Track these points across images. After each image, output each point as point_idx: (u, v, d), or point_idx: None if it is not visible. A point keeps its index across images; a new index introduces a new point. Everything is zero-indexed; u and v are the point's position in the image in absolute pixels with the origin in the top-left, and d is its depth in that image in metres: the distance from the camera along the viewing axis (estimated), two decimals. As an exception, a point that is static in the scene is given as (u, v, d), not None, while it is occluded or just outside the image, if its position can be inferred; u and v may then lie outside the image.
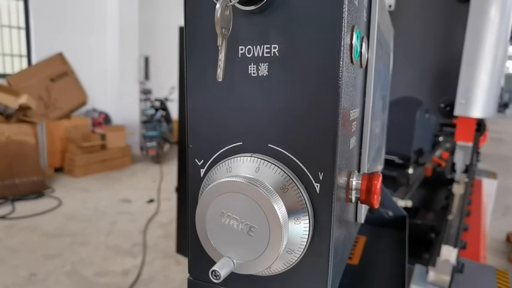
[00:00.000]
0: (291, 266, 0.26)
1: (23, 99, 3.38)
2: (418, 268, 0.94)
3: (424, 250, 1.12)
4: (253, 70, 0.25)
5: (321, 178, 0.25)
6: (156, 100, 5.05)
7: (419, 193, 1.44)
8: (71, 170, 4.00)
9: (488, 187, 1.98)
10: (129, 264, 2.28)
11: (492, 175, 2.09)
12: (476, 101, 0.94)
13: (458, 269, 0.90)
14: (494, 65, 0.95)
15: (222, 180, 0.24)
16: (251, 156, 0.26)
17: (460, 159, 1.04)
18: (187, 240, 0.29)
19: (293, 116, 0.25)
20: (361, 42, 0.30)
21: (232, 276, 0.27)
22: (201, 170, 0.28)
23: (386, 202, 0.65)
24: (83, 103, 4.51)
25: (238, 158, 0.26)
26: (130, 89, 4.91)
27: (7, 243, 2.50)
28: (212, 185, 0.25)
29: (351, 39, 0.25)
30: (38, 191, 3.42)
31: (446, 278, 0.86)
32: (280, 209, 0.23)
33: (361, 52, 0.30)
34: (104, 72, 4.76)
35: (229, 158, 0.27)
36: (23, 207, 3.12)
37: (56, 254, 2.38)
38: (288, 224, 0.24)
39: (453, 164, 1.08)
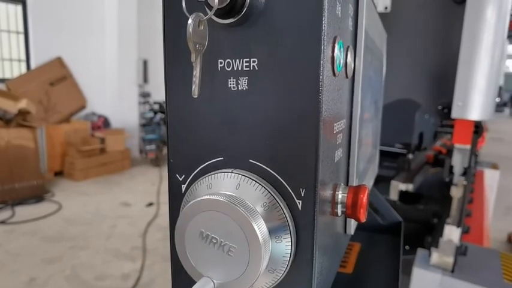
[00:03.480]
0: (273, 285, 0.25)
1: (22, 104, 3.39)
2: (420, 251, 0.93)
3: (427, 235, 1.11)
4: (233, 84, 0.25)
5: (302, 194, 0.24)
6: (155, 103, 5.05)
7: (422, 180, 1.42)
8: (71, 174, 4.00)
9: (490, 178, 1.96)
10: (129, 268, 2.28)
11: (494, 166, 2.07)
12: (473, 103, 0.93)
13: (461, 251, 0.89)
14: (491, 66, 0.94)
15: (200, 198, 0.24)
16: (231, 173, 0.25)
17: (458, 162, 1.03)
18: (171, 257, 0.29)
19: (273, 131, 0.24)
20: (346, 52, 0.29)
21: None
22: (182, 185, 0.28)
23: (381, 208, 0.64)
24: (82, 107, 4.51)
25: (219, 174, 0.25)
26: (129, 92, 4.91)
27: (7, 247, 2.50)
28: (191, 202, 0.24)
29: (333, 52, 0.24)
30: (37, 195, 3.42)
31: (450, 260, 0.85)
32: (260, 228, 0.23)
33: (346, 63, 0.29)
34: (103, 75, 4.76)
35: (210, 174, 0.26)
36: (23, 211, 3.12)
37: (56, 258, 2.37)
38: (268, 243, 0.23)
39: (451, 167, 1.07)
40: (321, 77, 0.23)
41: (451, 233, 0.86)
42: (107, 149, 4.23)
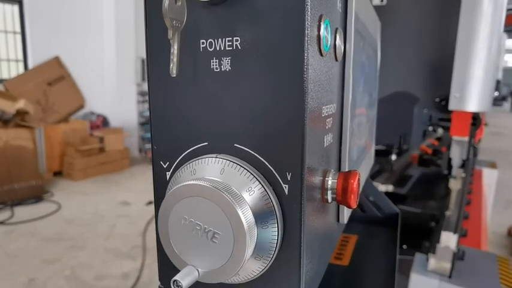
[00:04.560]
0: (261, 273, 0.24)
1: (21, 104, 3.37)
2: (418, 257, 0.92)
3: (425, 239, 1.10)
4: (216, 65, 0.24)
5: (289, 179, 0.23)
6: (154, 102, 5.03)
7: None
8: (70, 174, 3.99)
9: (489, 177, 1.96)
10: (128, 267, 2.27)
11: (492, 165, 2.07)
12: (470, 94, 0.93)
13: (459, 256, 0.88)
14: (488, 57, 0.93)
15: (183, 183, 0.23)
16: (216, 158, 0.24)
17: (457, 155, 1.02)
18: (157, 247, 0.28)
19: (258, 113, 0.23)
20: (335, 33, 0.28)
21: (199, 283, 0.25)
22: (167, 172, 0.27)
23: (378, 200, 0.63)
24: (81, 106, 4.50)
25: (203, 159, 0.24)
26: (127, 91, 4.89)
27: (6, 248, 2.49)
28: (174, 188, 0.23)
29: (318, 30, 0.23)
30: (37, 196, 3.41)
31: (447, 266, 0.84)
32: (245, 213, 0.22)
33: (334, 44, 0.28)
34: (101, 75, 4.75)
35: (194, 159, 0.25)
36: (22, 212, 3.11)
37: (55, 259, 2.37)
38: (254, 229, 0.22)
39: (449, 160, 1.06)
40: (305, 55, 0.22)
41: (448, 240, 0.85)
42: (106, 148, 4.21)
